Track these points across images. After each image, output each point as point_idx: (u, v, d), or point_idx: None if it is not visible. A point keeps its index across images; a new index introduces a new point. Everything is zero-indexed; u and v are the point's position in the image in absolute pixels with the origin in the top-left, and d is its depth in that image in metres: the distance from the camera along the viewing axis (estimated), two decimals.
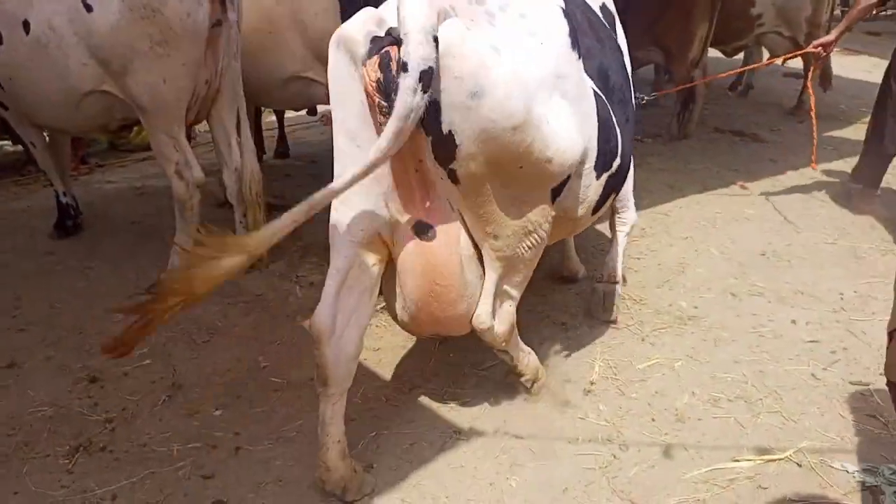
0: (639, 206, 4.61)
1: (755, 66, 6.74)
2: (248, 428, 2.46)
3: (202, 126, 3.80)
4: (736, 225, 4.36)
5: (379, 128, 1.81)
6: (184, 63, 2.64)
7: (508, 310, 2.27)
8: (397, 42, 1.71)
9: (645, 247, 4.01)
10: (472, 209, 2.00)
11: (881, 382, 2.74)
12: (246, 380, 2.71)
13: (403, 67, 1.66)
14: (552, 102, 1.95)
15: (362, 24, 1.84)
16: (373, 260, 2.08)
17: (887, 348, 1.94)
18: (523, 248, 2.14)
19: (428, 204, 1.99)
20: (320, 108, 5.14)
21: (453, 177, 1.90)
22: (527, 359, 2.57)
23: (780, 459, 2.32)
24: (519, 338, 2.51)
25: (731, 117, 6.79)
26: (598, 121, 2.21)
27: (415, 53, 1.65)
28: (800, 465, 2.31)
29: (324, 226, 2.10)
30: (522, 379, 2.58)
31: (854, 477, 2.25)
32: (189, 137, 5.05)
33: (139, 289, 3.17)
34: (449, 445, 2.40)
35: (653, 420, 2.54)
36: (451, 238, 2.05)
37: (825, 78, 6.97)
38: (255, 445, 2.38)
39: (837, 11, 8.43)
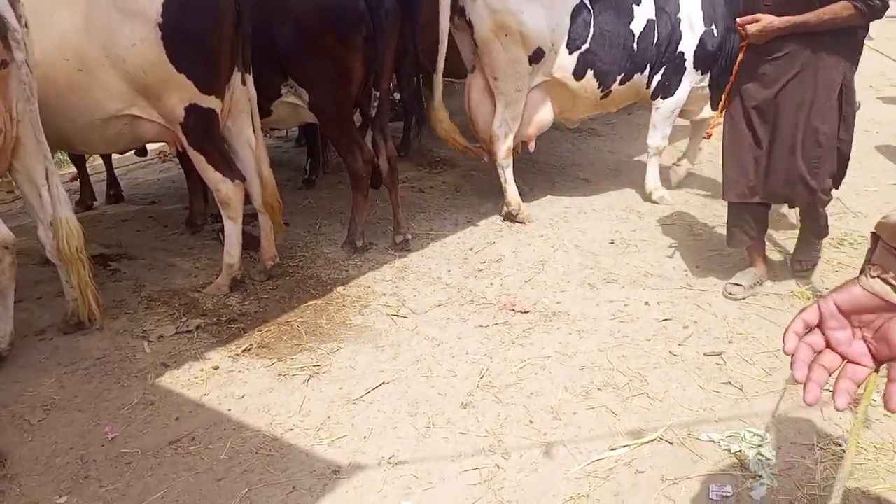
0: (498, 209, 4.75)
1: None
2: None
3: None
4: (584, 217, 4.55)
5: None
6: None
7: (507, 132, 4.39)
8: None
9: (506, 248, 4.08)
10: (486, 62, 4.25)
11: (732, 350, 2.95)
12: (93, 457, 2.41)
13: None
14: (527, 4, 4.07)
15: None
16: None
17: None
18: (512, 90, 4.27)
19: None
20: (151, 146, 4.79)
21: (476, 43, 4.21)
22: (513, 189, 4.47)
23: (652, 441, 2.40)
24: (510, 171, 4.46)
25: None
26: (571, 21, 4.18)
27: None
28: (671, 443, 2.41)
29: (162, 273, 1.89)
30: (508, 209, 4.43)
31: (720, 446, 2.38)
32: None
33: None
34: (329, 487, 2.26)
35: (531, 422, 2.55)
36: (479, 82, 4.42)
37: None
38: None
39: None
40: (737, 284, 3.37)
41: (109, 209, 4.94)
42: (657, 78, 4.52)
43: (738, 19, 3.13)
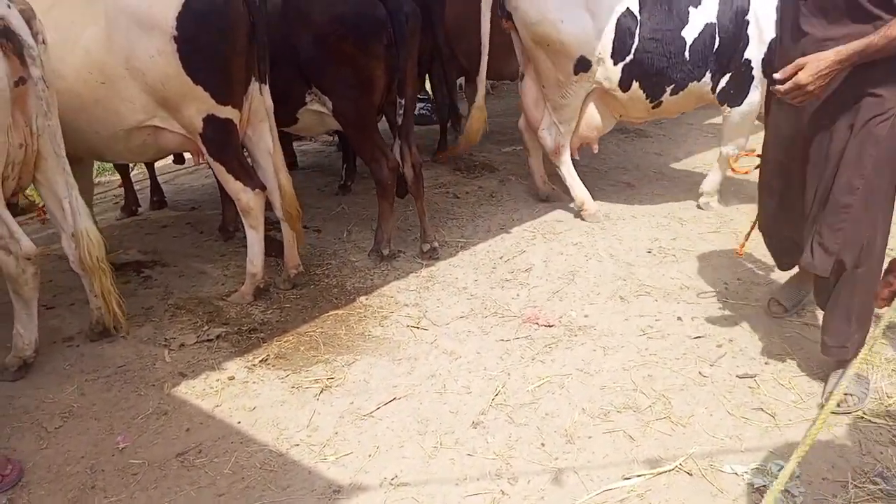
0: (532, 215, 4.64)
1: None
2: None
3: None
4: (623, 224, 4.37)
5: None
6: None
7: (556, 133, 4.41)
8: None
9: (536, 258, 3.95)
10: (534, 69, 4.31)
11: (767, 373, 2.75)
12: (102, 467, 2.44)
13: None
14: (569, 12, 4.00)
15: None
16: None
17: None
18: (558, 96, 4.27)
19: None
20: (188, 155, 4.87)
21: (525, 49, 4.27)
22: (578, 187, 4.47)
23: (669, 471, 2.25)
24: (572, 168, 4.52)
25: None
26: (617, 30, 3.99)
27: None
28: (690, 474, 2.25)
29: (192, 280, 1.88)
30: (575, 204, 4.52)
31: (743, 479, 2.21)
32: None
33: None
34: None
35: (542, 445, 2.44)
36: (530, 86, 4.46)
37: None
38: None
39: None
40: (779, 303, 3.13)
41: (152, 215, 5.06)
42: (721, 85, 4.14)
43: (774, 74, 2.27)
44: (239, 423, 2.63)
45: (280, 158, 3.38)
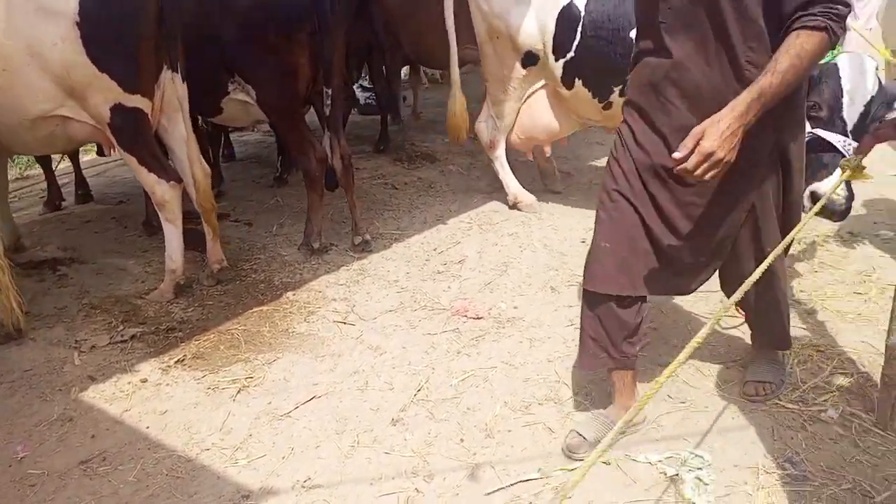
0: (470, 205, 4.59)
1: None
2: None
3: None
4: (560, 214, 4.36)
5: None
6: None
7: (493, 127, 4.42)
8: None
9: (470, 249, 3.91)
10: (484, 62, 4.31)
11: (689, 361, 2.74)
12: None
13: None
14: (517, 5, 3.96)
15: None
16: None
17: None
18: (500, 91, 4.25)
19: None
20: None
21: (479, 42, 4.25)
22: (512, 182, 4.48)
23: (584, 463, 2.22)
24: (505, 162, 4.54)
25: None
26: (558, 24, 3.90)
27: None
28: (607, 464, 2.24)
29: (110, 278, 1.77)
30: (509, 199, 4.43)
31: (657, 468, 2.19)
32: None
33: None
34: None
35: (461, 441, 2.39)
36: None
37: None
38: None
39: None
40: None
41: (77, 209, 4.86)
42: None
43: (673, 154, 1.76)
44: (148, 427, 2.52)
45: (195, 150, 3.25)
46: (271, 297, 3.44)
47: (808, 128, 2.14)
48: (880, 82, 2.12)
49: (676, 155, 1.75)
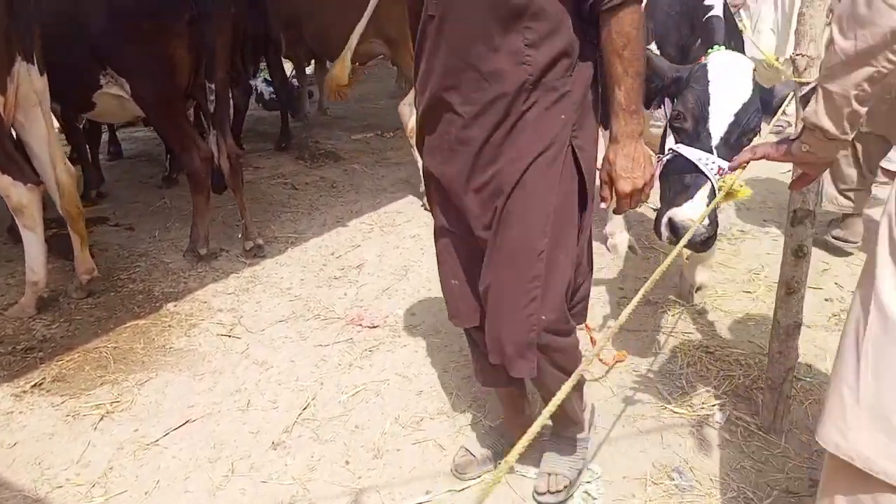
0: (373, 206, 4.44)
1: None
2: None
3: None
4: None
5: None
6: None
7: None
8: None
9: (370, 253, 3.76)
10: None
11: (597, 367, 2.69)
12: None
13: None
14: None
15: None
16: None
17: None
18: None
19: None
20: None
21: None
22: None
23: (473, 483, 2.13)
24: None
25: None
26: None
27: None
28: (498, 482, 2.14)
29: None
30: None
31: None
32: None
33: None
34: None
35: (347, 463, 2.24)
36: None
37: None
38: None
39: None
40: None
41: None
42: None
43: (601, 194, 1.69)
44: None
45: (57, 149, 2.95)
46: (149, 309, 3.18)
47: (670, 143, 2.01)
48: (758, 86, 2.02)
49: (603, 206, 1.70)
